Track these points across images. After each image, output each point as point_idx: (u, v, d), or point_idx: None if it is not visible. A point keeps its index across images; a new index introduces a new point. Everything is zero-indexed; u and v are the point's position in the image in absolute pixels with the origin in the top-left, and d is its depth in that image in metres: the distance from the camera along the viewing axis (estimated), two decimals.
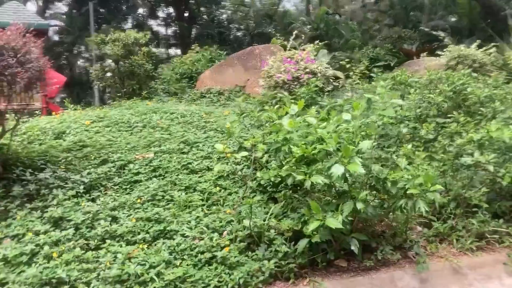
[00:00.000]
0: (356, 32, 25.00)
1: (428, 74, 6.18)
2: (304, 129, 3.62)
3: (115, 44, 8.53)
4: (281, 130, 3.60)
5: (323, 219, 3.22)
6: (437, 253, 3.96)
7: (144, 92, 8.81)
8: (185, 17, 28.86)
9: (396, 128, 4.65)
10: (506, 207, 4.40)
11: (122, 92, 8.75)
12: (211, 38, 27.25)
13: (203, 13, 29.43)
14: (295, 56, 6.89)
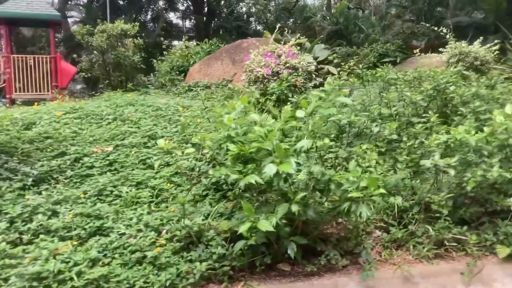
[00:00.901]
0: (377, 27, 24.73)
1: (412, 71, 5.98)
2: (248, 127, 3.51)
3: (100, 36, 8.52)
4: (224, 127, 3.49)
5: (255, 221, 3.11)
6: (391, 260, 3.81)
7: (130, 84, 8.80)
8: (204, 10, 28.85)
9: (362, 127, 4.49)
10: (472, 213, 4.20)
11: (104, 84, 8.75)
12: (229, 32, 27.26)
13: (222, 6, 29.37)
14: (276, 51, 6.75)
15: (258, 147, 3.16)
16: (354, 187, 3.24)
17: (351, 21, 25.51)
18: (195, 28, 29.58)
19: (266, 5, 28.97)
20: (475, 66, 9.17)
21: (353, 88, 5.66)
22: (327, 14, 26.34)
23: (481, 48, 9.35)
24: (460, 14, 23.27)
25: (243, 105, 3.62)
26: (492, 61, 9.32)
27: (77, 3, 27.87)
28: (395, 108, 5.20)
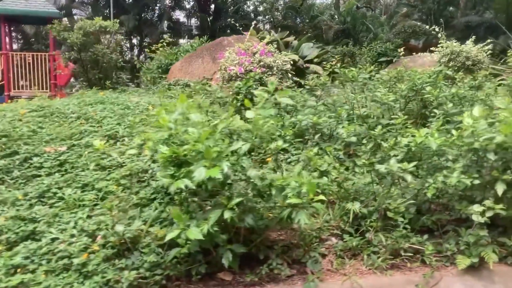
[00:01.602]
0: (385, 26, 24.59)
1: (388, 72, 5.80)
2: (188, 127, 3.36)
3: (75, 32, 8.41)
4: (162, 127, 3.34)
5: (185, 228, 2.96)
6: (343, 270, 3.64)
7: (108, 82, 8.68)
8: (209, 9, 28.79)
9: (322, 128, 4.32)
10: (434, 221, 4.02)
11: (80, 81, 8.64)
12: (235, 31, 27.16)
13: (228, 4, 29.26)
14: (250, 49, 6.59)
15: (190, 149, 3.01)
16: (294, 192, 3.07)
17: (359, 20, 25.34)
18: (200, 26, 29.52)
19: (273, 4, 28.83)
20: (466, 66, 8.95)
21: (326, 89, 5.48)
22: (335, 13, 26.19)
23: (473, 48, 9.12)
24: (470, 14, 23.05)
25: (185, 105, 3.46)
26: (485, 60, 9.08)
27: (83, 1, 27.91)
28: (364, 109, 5.02)
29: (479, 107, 4.16)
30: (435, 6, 23.25)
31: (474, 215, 3.61)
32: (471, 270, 3.70)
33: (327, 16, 25.84)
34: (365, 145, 4.08)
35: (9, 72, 11.82)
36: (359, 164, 3.98)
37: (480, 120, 4.05)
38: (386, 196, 3.83)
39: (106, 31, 8.76)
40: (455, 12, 24.20)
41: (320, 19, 26.15)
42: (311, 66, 9.04)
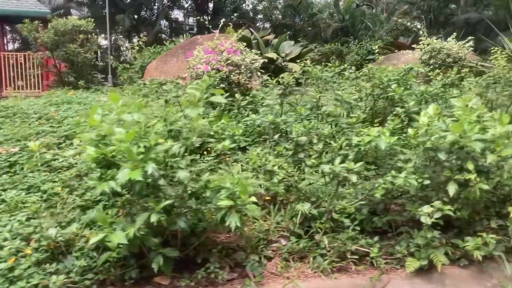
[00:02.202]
0: (384, 24, 24.59)
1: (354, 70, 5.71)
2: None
3: (46, 31, 8.36)
4: (97, 127, 3.27)
5: (110, 232, 2.89)
6: (287, 273, 3.56)
7: (82, 82, 8.62)
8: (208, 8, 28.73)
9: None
10: (385, 222, 3.94)
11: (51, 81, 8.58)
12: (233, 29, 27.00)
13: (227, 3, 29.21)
14: (218, 47, 6.51)
15: (117, 150, 2.94)
16: (226, 194, 3.00)
17: (358, 19, 25.29)
18: (197, 25, 29.51)
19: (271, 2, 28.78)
20: (447, 63, 8.86)
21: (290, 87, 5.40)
22: (334, 11, 26.13)
23: (455, 45, 9.03)
24: (471, 11, 23.00)
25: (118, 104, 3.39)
26: (466, 57, 8.99)
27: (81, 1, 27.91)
28: (325, 108, 4.94)
29: (434, 105, 4.08)
30: (435, 3, 23.16)
31: (423, 217, 3.54)
32: (422, 272, 3.63)
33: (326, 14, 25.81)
34: (315, 145, 4.00)
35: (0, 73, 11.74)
36: (308, 164, 3.89)
37: (434, 118, 3.98)
38: (336, 197, 3.75)
39: (81, 30, 8.70)
40: (456, 9, 24.13)
41: (318, 17, 26.09)
42: (289, 64, 8.96)
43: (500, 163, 3.75)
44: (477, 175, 3.77)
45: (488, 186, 3.60)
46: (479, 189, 3.59)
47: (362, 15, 25.62)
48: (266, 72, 8.70)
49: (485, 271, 3.75)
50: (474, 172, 3.61)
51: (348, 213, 3.84)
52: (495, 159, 3.63)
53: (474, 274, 3.73)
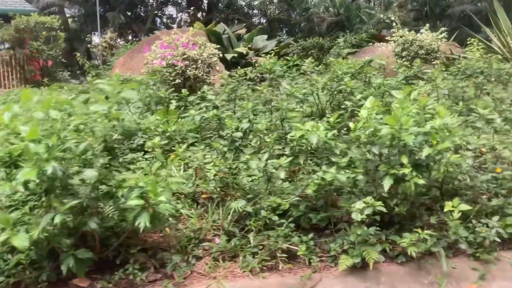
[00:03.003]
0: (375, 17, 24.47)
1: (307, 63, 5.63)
2: None
3: (5, 29, 8.26)
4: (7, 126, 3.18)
5: (13, 234, 2.81)
6: (215, 273, 3.49)
7: (46, 79, 8.54)
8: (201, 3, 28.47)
9: None
10: (322, 219, 3.86)
11: (10, 78, 8.49)
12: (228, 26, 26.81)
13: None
14: (174, 41, 6.41)
15: (19, 149, 2.85)
16: (137, 194, 2.92)
17: (353, 12, 25.11)
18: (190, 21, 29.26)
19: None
20: (419, 55, 8.77)
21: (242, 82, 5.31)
22: (329, 5, 25.98)
23: (428, 37, 8.93)
24: (467, 2, 22.91)
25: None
26: (438, 50, 8.89)
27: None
28: (274, 102, 4.85)
29: (372, 98, 3.99)
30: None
31: (354, 213, 3.45)
32: (356, 270, 3.56)
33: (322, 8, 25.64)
34: (250, 140, 3.92)
35: None
36: (243, 160, 3.81)
37: (372, 111, 3.90)
38: (268, 193, 3.67)
39: (46, 27, 8.58)
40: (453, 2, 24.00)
41: (312, 11, 25.93)
42: (260, 59, 8.86)
43: (437, 157, 3.67)
44: (415, 169, 3.70)
45: (423, 181, 3.51)
46: (414, 184, 3.50)
47: (358, 8, 25.43)
48: (237, 66, 8.60)
49: (423, 268, 3.67)
50: (409, 166, 3.53)
51: (283, 210, 3.75)
52: (430, 153, 3.55)
53: (412, 271, 3.66)
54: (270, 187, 3.80)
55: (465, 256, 3.84)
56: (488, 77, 6.90)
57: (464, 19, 20.79)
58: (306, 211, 3.93)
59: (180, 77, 6.02)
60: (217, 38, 9.80)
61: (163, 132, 3.79)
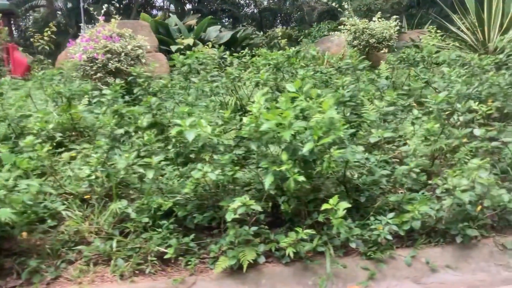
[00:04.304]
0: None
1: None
2: None
3: None
4: None
5: None
6: (85, 277, 3.36)
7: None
8: None
9: None
10: (203, 219, 3.74)
11: None
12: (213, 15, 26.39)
13: None
14: (95, 33, 6.23)
15: None
16: None
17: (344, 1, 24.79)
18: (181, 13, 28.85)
19: None
20: (371, 44, 8.62)
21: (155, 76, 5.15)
22: None
23: (379, 25, 8.77)
24: None
25: None
26: (390, 38, 8.74)
27: None
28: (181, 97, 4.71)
29: (261, 92, 3.86)
30: None
31: (228, 213, 3.33)
32: (236, 272, 3.46)
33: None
34: (132, 137, 3.78)
35: None
36: (123, 159, 3.67)
37: (262, 105, 3.76)
38: (157, 192, 3.54)
39: None
40: None
41: (302, 0, 25.72)
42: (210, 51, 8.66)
43: (321, 153, 3.55)
44: (303, 166, 3.59)
45: (304, 178, 3.39)
46: (293, 181, 3.38)
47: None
48: None
49: (311, 268, 3.57)
50: (289, 163, 3.41)
51: (165, 210, 3.63)
52: (311, 148, 3.42)
53: (297, 272, 3.56)
54: (154, 186, 3.66)
55: (358, 255, 3.73)
56: (427, 66, 6.78)
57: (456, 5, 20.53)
58: (194, 211, 3.81)
59: (101, 71, 5.85)
60: (166, 30, 9.60)
61: (41, 130, 3.65)
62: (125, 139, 3.81)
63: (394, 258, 3.71)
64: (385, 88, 6.37)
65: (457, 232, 3.81)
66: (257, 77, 4.95)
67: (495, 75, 5.83)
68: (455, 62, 6.59)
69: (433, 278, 3.60)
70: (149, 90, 5.02)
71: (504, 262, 3.76)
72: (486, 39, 10.24)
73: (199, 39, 9.41)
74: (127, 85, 5.10)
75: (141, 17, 9.74)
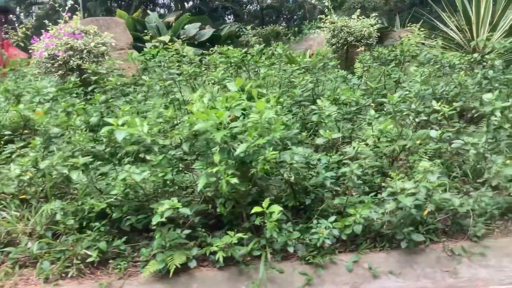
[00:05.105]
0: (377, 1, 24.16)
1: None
2: None
3: None
4: None
5: None
6: (8, 281, 3.29)
7: None
8: None
9: None
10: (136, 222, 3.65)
11: None
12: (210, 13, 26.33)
13: None
14: (57, 30, 6.15)
15: None
16: None
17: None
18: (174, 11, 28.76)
19: None
20: (349, 42, 8.49)
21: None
22: None
23: (358, 23, 8.64)
24: None
25: None
26: (371, 37, 8.60)
27: None
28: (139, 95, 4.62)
29: (198, 92, 3.77)
30: None
31: (155, 216, 3.23)
32: (166, 276, 3.36)
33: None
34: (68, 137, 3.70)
35: None
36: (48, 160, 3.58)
37: (200, 105, 3.67)
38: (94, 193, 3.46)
39: None
40: None
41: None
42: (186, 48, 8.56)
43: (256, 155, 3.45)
44: (239, 167, 3.50)
45: (237, 180, 3.29)
46: (226, 182, 3.29)
47: None
48: None
49: (246, 272, 3.48)
50: (222, 165, 3.32)
51: (97, 212, 3.54)
52: (245, 149, 3.33)
53: (231, 277, 3.47)
54: (89, 187, 3.58)
55: (297, 260, 3.63)
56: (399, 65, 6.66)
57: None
58: (131, 212, 3.72)
59: (63, 68, 5.78)
60: (143, 27, 9.53)
61: None
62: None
63: (335, 263, 3.61)
64: (355, 87, 6.27)
65: (402, 237, 3.70)
66: (213, 76, 4.85)
67: (463, 75, 5.72)
68: (428, 61, 6.46)
69: (374, 285, 3.50)
70: (105, 88, 4.94)
71: (451, 269, 3.65)
72: (474, 38, 10.07)
73: (178, 36, 9.31)
74: (82, 82, 5.02)
75: (117, 14, 9.66)
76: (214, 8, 26.37)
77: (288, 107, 4.85)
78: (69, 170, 3.26)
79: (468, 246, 3.81)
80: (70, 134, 3.62)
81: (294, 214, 4.07)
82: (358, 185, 3.74)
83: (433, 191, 3.54)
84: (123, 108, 3.83)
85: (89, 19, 8.92)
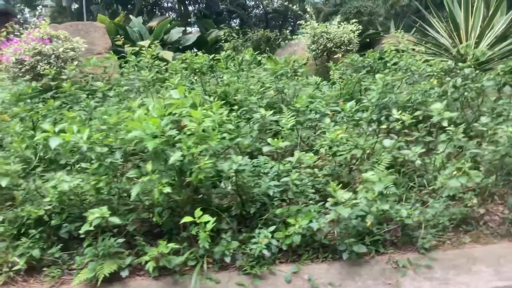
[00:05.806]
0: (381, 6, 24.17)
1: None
2: None
3: None
4: None
5: None
6: None
7: None
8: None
9: None
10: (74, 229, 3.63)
11: None
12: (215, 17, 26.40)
13: None
14: (25, 35, 6.18)
15: None
16: None
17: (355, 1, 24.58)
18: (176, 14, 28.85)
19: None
20: (328, 48, 8.46)
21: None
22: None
23: (338, 29, 8.60)
24: None
25: None
26: (351, 43, 8.56)
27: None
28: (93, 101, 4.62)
29: (139, 98, 3.75)
30: None
31: (84, 225, 3.22)
32: (99, 285, 3.31)
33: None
34: None
35: None
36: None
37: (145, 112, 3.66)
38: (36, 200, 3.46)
39: None
40: None
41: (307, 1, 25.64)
42: (161, 52, 8.56)
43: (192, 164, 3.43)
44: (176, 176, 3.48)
45: (169, 189, 3.27)
46: (158, 192, 3.27)
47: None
48: None
49: (181, 283, 3.45)
50: (155, 174, 3.30)
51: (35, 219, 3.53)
52: (178, 158, 3.31)
53: (165, 286, 3.47)
54: (29, 193, 3.58)
55: (236, 270, 3.60)
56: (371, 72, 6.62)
57: None
58: (71, 220, 3.71)
59: (30, 73, 5.80)
60: (125, 32, 9.54)
61: None
62: None
63: (274, 274, 3.57)
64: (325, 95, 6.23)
65: (344, 248, 3.65)
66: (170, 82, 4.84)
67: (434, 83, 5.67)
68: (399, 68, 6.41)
69: None
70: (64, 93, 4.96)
71: (394, 281, 3.59)
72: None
73: (161, 41, 9.34)
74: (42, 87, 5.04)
75: (98, 19, 9.69)
76: (219, 12, 26.39)
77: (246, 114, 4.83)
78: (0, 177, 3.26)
79: (415, 258, 3.76)
80: (11, 139, 3.63)
81: (242, 223, 4.04)
82: (298, 195, 3.70)
83: (373, 202, 3.49)
84: (67, 114, 3.83)
85: (68, 23, 8.93)
